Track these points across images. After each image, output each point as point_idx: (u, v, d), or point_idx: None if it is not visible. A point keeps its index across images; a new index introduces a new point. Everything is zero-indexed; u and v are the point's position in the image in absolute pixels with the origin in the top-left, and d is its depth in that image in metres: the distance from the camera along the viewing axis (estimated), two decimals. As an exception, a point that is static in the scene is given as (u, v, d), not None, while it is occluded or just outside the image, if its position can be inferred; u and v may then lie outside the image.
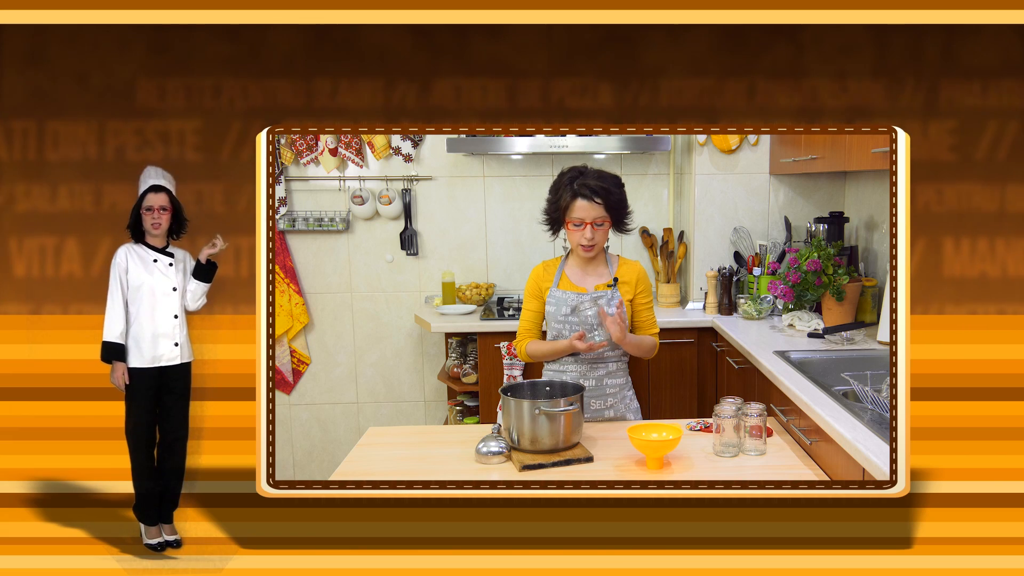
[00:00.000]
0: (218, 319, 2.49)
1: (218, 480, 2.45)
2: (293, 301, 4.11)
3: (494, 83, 2.50)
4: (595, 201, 2.40)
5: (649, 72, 2.50)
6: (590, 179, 2.42)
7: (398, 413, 4.27)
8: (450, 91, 2.50)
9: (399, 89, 2.50)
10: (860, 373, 2.35)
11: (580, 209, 2.41)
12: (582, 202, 2.40)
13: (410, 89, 2.50)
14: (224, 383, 2.44)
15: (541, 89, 2.49)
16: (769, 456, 2.19)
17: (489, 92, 2.50)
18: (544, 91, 2.49)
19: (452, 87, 2.50)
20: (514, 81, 2.47)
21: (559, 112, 2.50)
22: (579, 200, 2.40)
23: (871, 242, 3.48)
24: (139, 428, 2.35)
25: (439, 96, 2.49)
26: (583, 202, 2.40)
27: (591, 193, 2.39)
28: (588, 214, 2.41)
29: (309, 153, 4.06)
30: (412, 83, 2.50)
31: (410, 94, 2.50)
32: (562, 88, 2.50)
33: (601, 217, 2.42)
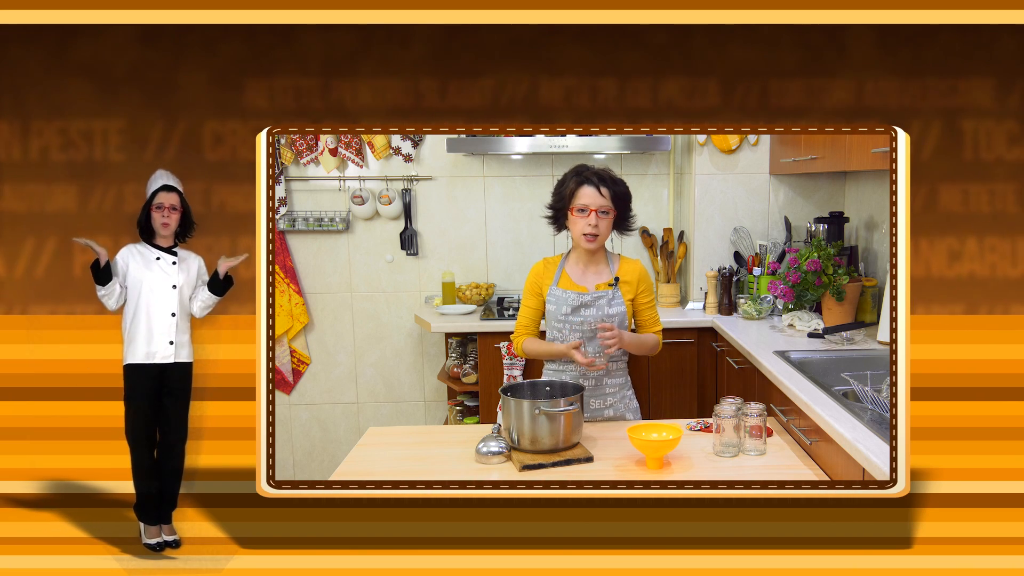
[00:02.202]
0: (218, 319, 2.49)
1: (218, 480, 2.45)
2: (293, 301, 4.11)
3: (492, 83, 2.50)
4: (601, 189, 2.42)
5: (650, 72, 2.50)
6: (597, 170, 2.47)
7: (398, 413, 4.27)
8: (437, 90, 2.51)
9: (402, 88, 2.51)
10: (860, 373, 2.35)
11: (585, 196, 2.42)
12: (588, 188, 2.42)
13: (409, 89, 2.50)
14: (224, 383, 2.44)
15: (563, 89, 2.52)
16: (769, 456, 2.19)
17: (487, 91, 2.51)
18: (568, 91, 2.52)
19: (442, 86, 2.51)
20: (535, 78, 2.49)
21: (568, 112, 2.52)
22: (585, 187, 2.43)
23: (871, 242, 3.48)
24: (138, 428, 2.35)
25: (431, 96, 2.50)
26: (589, 188, 2.42)
27: (599, 181, 2.43)
28: (593, 201, 2.42)
29: (309, 153, 4.06)
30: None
31: (408, 94, 2.50)
32: (558, 88, 2.51)
33: (606, 207, 2.43)
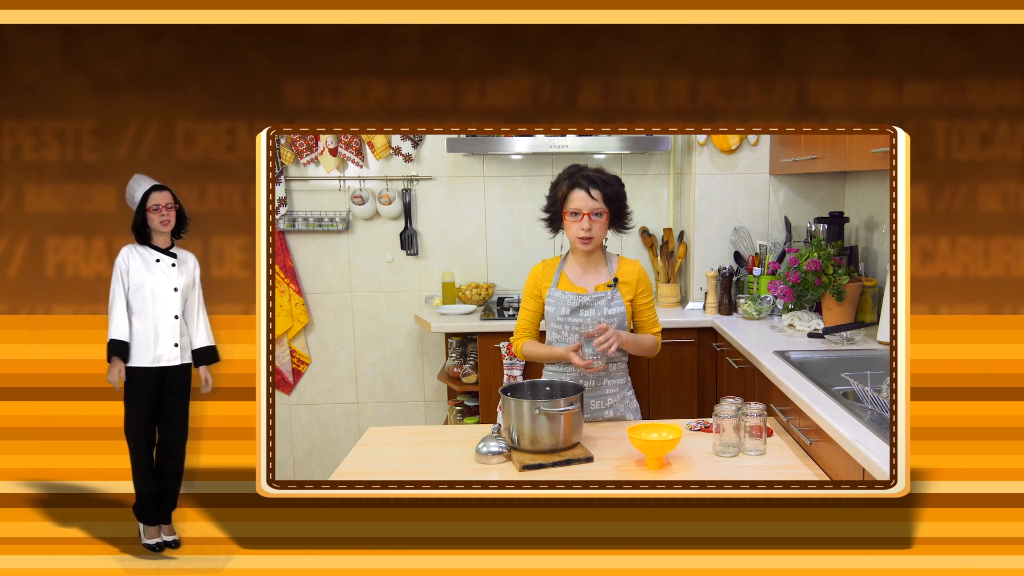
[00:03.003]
0: (218, 319, 2.49)
1: (218, 480, 2.45)
2: (293, 301, 4.11)
3: (493, 83, 2.50)
4: (592, 192, 2.41)
5: (650, 72, 2.50)
6: (588, 172, 2.46)
7: (398, 413, 4.27)
8: (448, 90, 2.51)
9: (399, 89, 2.50)
10: (860, 373, 2.35)
11: (577, 199, 2.42)
12: (579, 192, 2.42)
13: (408, 89, 2.50)
14: (224, 383, 2.44)
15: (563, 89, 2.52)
16: (769, 456, 2.19)
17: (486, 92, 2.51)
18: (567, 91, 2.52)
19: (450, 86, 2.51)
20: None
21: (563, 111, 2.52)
22: (577, 190, 2.42)
23: (871, 242, 3.48)
24: (139, 428, 2.34)
25: (433, 96, 2.50)
26: (580, 192, 2.42)
27: (589, 184, 2.42)
28: (585, 204, 2.42)
29: (309, 153, 4.06)
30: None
31: (406, 94, 2.50)
32: (558, 89, 2.51)
33: (599, 209, 2.43)
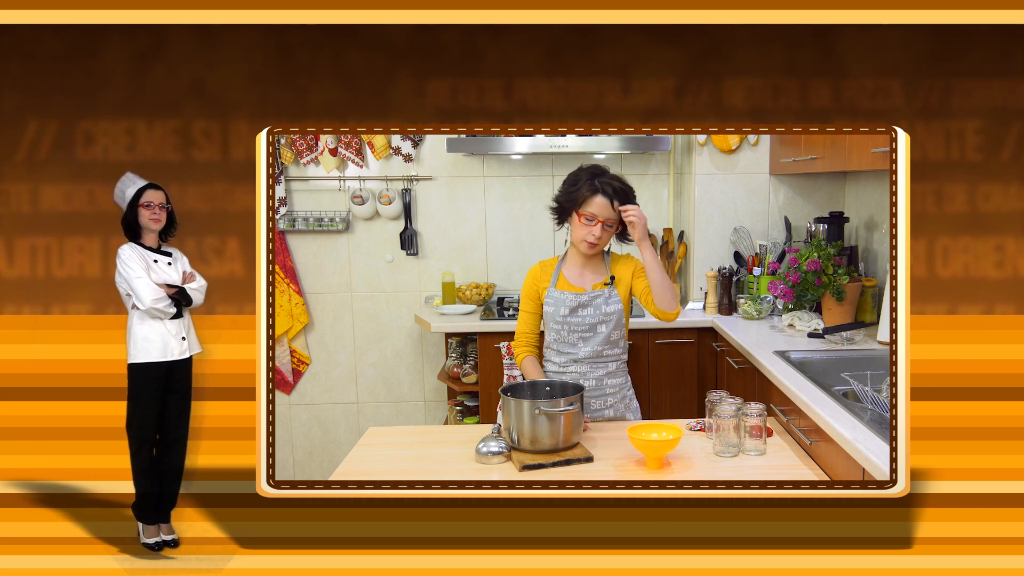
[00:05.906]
0: (218, 319, 2.49)
1: (218, 480, 2.45)
2: (293, 301, 4.11)
3: (491, 83, 2.51)
4: (613, 203, 2.40)
5: (651, 72, 2.50)
6: (613, 180, 2.43)
7: (398, 413, 4.27)
8: (447, 91, 2.51)
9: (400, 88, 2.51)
10: (860, 373, 2.35)
11: (597, 205, 2.40)
12: (601, 199, 2.40)
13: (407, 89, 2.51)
14: (224, 383, 2.44)
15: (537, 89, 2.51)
16: (769, 456, 2.19)
17: (487, 92, 2.51)
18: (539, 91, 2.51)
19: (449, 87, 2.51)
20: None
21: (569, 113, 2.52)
22: (599, 196, 2.40)
23: (871, 242, 3.48)
24: (144, 427, 2.34)
25: (434, 96, 2.50)
26: (602, 199, 2.40)
27: (613, 193, 2.40)
28: (602, 212, 2.41)
29: (309, 153, 4.06)
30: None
31: (406, 94, 2.51)
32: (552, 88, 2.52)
33: (613, 220, 2.42)
